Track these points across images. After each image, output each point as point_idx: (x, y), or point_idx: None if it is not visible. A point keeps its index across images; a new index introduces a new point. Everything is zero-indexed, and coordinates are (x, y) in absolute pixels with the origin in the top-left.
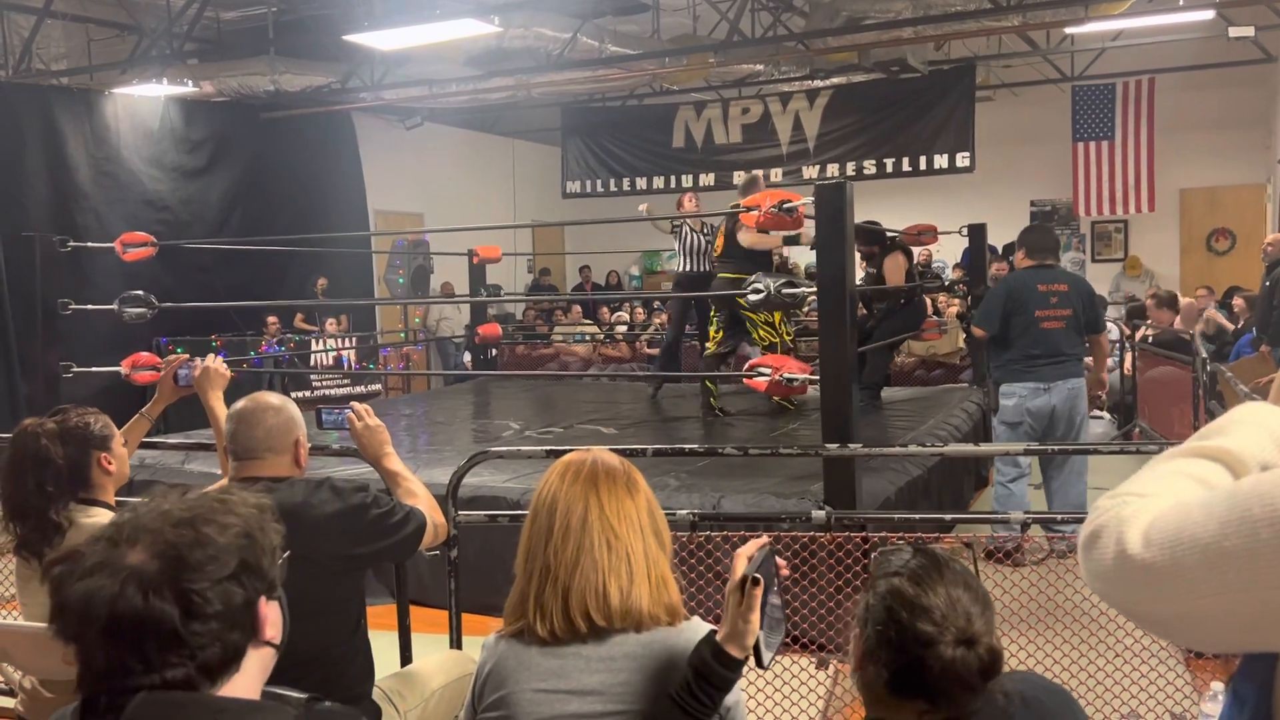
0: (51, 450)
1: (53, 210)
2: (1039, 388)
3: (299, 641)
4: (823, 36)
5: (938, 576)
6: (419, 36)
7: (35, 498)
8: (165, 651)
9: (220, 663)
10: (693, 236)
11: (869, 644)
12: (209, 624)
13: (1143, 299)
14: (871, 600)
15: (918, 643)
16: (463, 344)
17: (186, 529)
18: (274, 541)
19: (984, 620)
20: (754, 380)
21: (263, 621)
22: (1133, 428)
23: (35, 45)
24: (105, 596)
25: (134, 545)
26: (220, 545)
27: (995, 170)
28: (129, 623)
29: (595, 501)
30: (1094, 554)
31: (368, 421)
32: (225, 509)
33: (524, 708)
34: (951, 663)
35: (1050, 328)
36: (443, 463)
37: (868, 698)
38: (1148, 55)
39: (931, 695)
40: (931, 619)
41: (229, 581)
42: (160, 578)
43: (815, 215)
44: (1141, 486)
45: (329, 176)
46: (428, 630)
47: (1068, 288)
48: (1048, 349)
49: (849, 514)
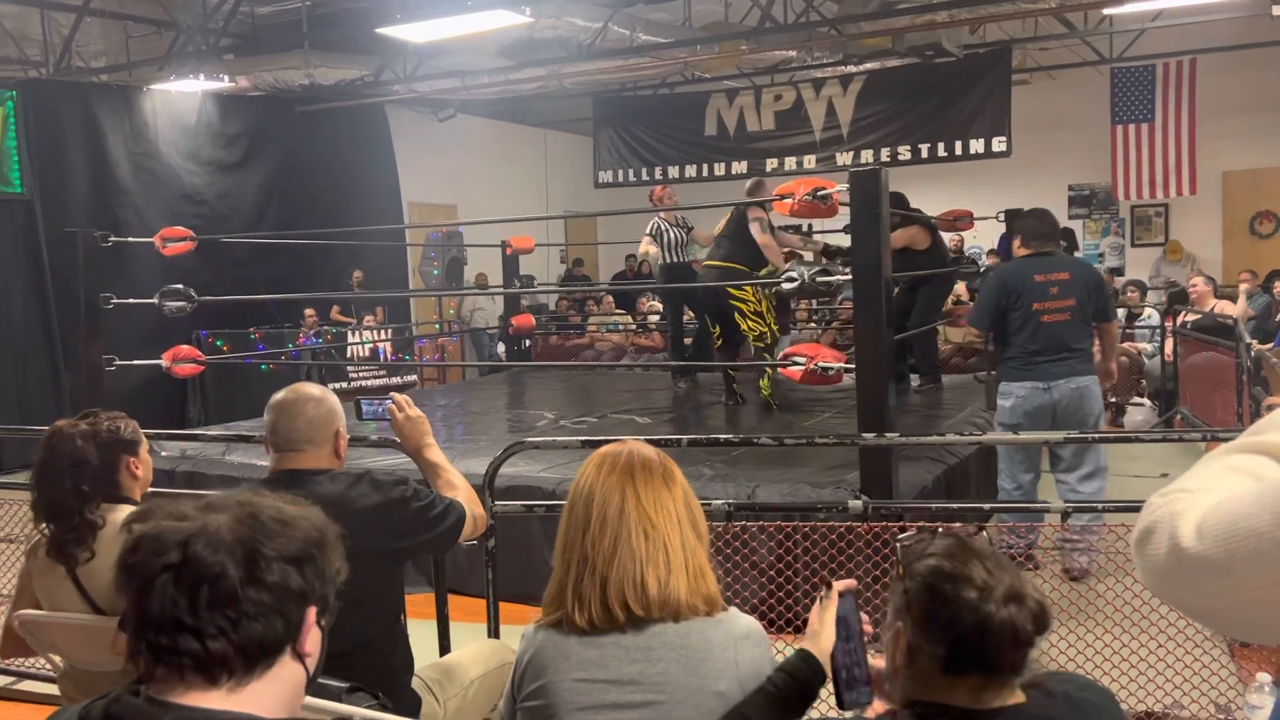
0: (87, 451)
1: (94, 206)
2: (1038, 387)
3: (341, 634)
4: (856, 21)
5: (970, 551)
6: (451, 28)
7: (72, 498)
8: (215, 609)
9: (258, 648)
10: (671, 231)
11: (916, 630)
12: (263, 594)
13: (1183, 284)
14: (910, 585)
15: (968, 610)
16: (497, 335)
17: (272, 510)
18: (336, 566)
19: (1021, 579)
20: (789, 369)
21: (306, 628)
22: (1174, 414)
23: (75, 43)
24: (180, 538)
25: (220, 513)
26: (296, 529)
27: (1032, 155)
28: (196, 567)
29: (632, 492)
30: (1147, 550)
31: (408, 412)
32: (305, 514)
33: (564, 697)
34: (1006, 621)
35: (1051, 321)
36: (478, 453)
37: (918, 688)
38: (1188, 35)
39: (987, 664)
40: (975, 585)
41: (291, 563)
42: (235, 541)
43: (850, 202)
44: (1192, 482)
45: (363, 169)
46: (464, 619)
47: (1069, 276)
48: (1049, 344)
49: (886, 504)
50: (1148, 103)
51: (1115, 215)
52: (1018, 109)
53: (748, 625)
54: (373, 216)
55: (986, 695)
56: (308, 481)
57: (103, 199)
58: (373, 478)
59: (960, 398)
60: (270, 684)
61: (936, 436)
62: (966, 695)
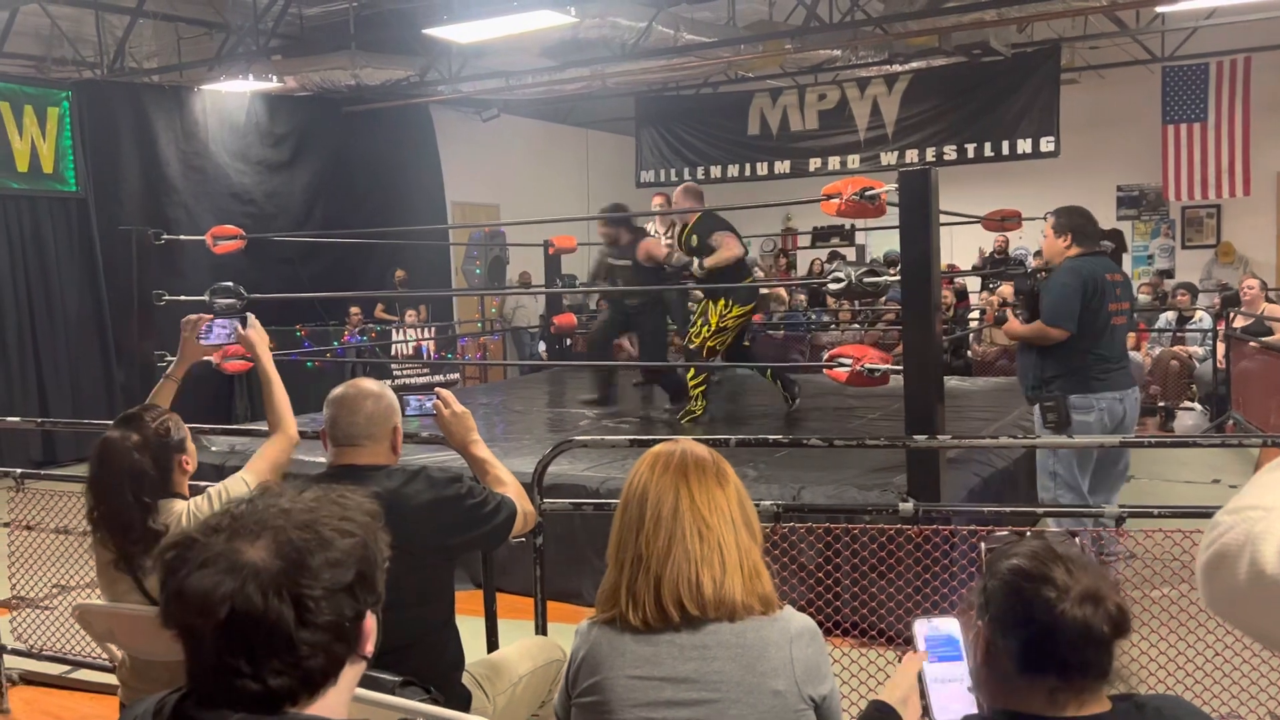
0: (143, 464)
1: (145, 204)
2: (1116, 398)
3: (398, 630)
4: (902, 20)
5: (1055, 554)
6: (496, 29)
7: (134, 511)
8: (273, 656)
9: (322, 674)
10: (659, 237)
11: (993, 627)
12: (318, 634)
13: (1236, 287)
14: (990, 584)
15: (1043, 608)
16: (538, 333)
17: (309, 532)
18: (385, 554)
19: (1107, 583)
20: (834, 371)
21: (366, 637)
22: (1226, 419)
23: (128, 44)
24: (225, 592)
25: (255, 541)
26: (341, 553)
27: (1080, 155)
28: (246, 621)
29: (686, 492)
30: (1220, 574)
31: (454, 409)
32: (344, 514)
33: (619, 694)
34: (1079, 621)
35: (1119, 324)
36: (522, 451)
37: (996, 690)
38: (1242, 33)
39: (1062, 665)
40: (1054, 585)
41: (344, 593)
42: (281, 579)
43: (899, 202)
44: (1267, 498)
45: (408, 169)
46: (509, 616)
47: (1123, 278)
48: (1119, 350)
49: (935, 506)
50: (1200, 102)
51: (1165, 216)
52: (1066, 108)
53: (803, 623)
54: (417, 216)
55: (1063, 699)
56: (365, 478)
57: (154, 197)
58: (429, 474)
59: (1007, 400)
60: (335, 690)
61: (987, 439)
62: (1043, 699)
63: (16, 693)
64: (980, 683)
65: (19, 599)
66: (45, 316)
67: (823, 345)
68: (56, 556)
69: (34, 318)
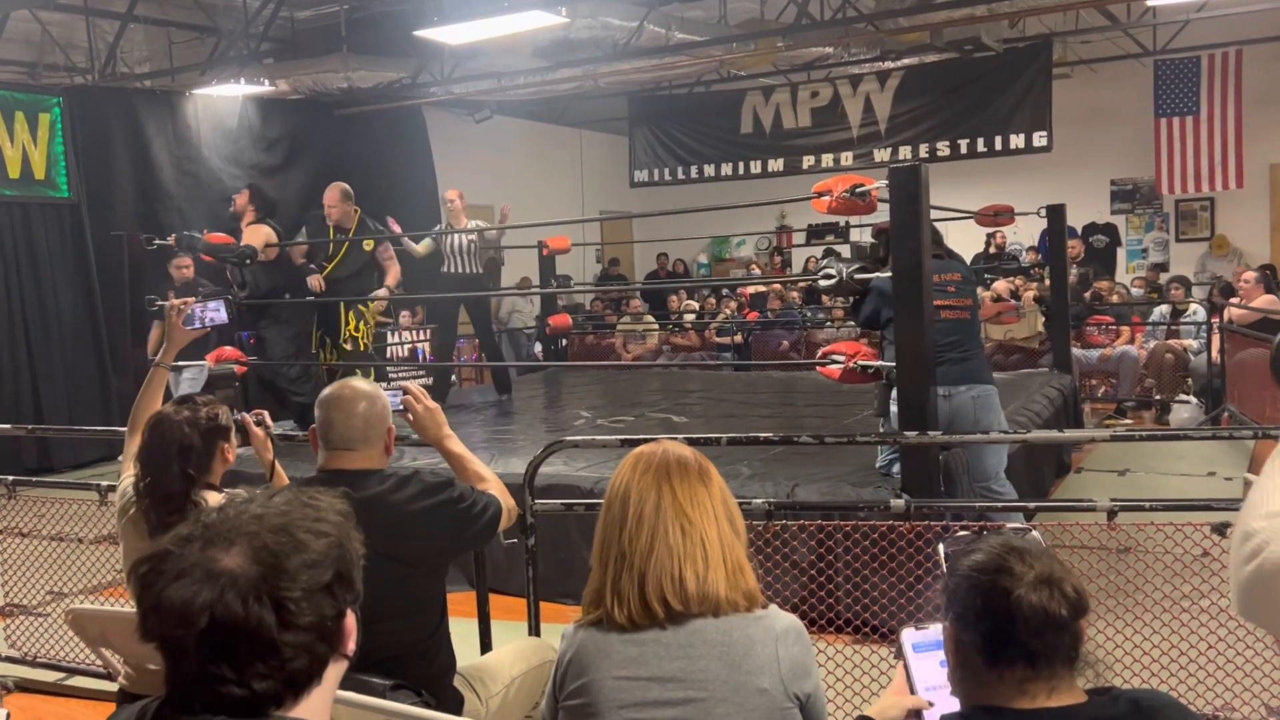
0: (193, 438)
1: (138, 210)
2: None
3: (390, 640)
4: (894, 17)
5: (1010, 546)
6: (487, 30)
7: (179, 482)
8: (257, 660)
9: (306, 675)
10: (459, 238)
11: (957, 623)
12: (301, 635)
13: (1229, 279)
14: (951, 583)
15: (1001, 595)
16: (534, 334)
17: (284, 535)
18: (360, 551)
19: (1061, 567)
20: (827, 368)
21: (347, 635)
22: (1221, 412)
23: (119, 50)
24: (204, 601)
25: (229, 549)
26: (318, 554)
27: (1073, 149)
28: (227, 629)
29: (668, 489)
30: (1266, 589)
31: (425, 403)
32: (317, 515)
33: (606, 695)
34: (1036, 605)
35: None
36: (517, 452)
37: (970, 689)
38: (1234, 26)
39: (1028, 653)
40: (1010, 574)
41: (324, 593)
42: (260, 584)
43: (889, 198)
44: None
45: (401, 171)
46: (502, 617)
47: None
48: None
49: (928, 502)
50: (1192, 95)
51: (1159, 210)
52: (1058, 103)
53: (788, 622)
54: (411, 218)
55: (1034, 689)
56: (359, 483)
57: (147, 203)
58: (421, 478)
59: (1002, 395)
60: (319, 690)
61: (980, 435)
62: (1014, 690)
63: (12, 700)
64: (955, 683)
65: (13, 606)
66: (39, 324)
67: (818, 342)
68: (51, 563)
69: (28, 325)
